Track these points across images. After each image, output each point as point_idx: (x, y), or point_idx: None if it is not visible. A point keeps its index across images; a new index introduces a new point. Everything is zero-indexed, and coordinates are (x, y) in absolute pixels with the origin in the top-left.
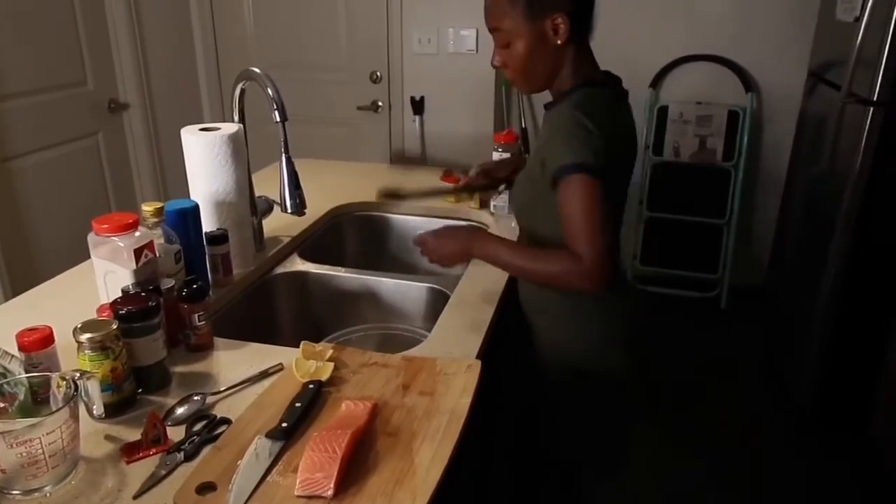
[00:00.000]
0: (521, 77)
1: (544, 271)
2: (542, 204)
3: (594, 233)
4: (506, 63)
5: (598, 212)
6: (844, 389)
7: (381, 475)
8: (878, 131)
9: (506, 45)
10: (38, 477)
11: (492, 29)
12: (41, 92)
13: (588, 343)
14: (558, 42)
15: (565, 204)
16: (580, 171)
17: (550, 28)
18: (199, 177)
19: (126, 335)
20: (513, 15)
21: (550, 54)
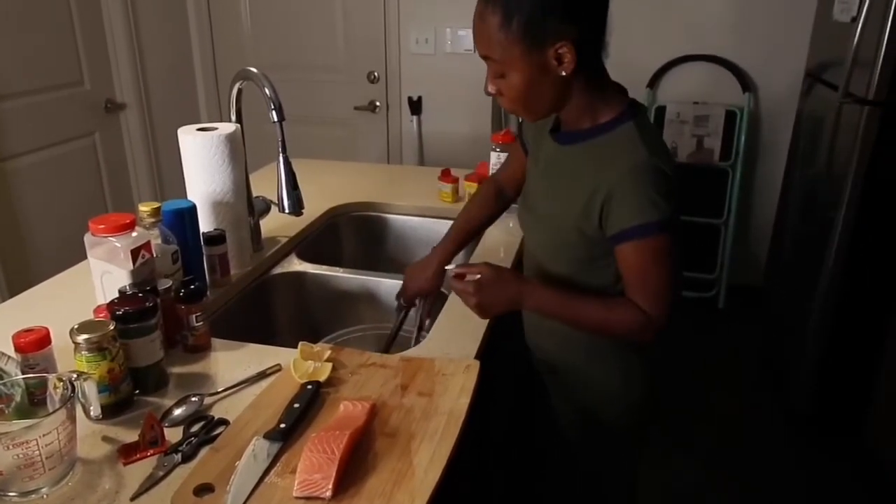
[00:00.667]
0: (520, 108)
1: (606, 325)
2: (569, 249)
3: (665, 292)
4: (500, 91)
5: (671, 270)
6: (841, 390)
7: (379, 476)
8: (874, 131)
9: (500, 74)
10: (35, 478)
11: (482, 56)
12: (37, 92)
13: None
14: (563, 73)
15: (635, 265)
16: (658, 230)
17: (553, 58)
18: (196, 177)
19: (123, 336)
20: (506, 45)
21: (555, 86)
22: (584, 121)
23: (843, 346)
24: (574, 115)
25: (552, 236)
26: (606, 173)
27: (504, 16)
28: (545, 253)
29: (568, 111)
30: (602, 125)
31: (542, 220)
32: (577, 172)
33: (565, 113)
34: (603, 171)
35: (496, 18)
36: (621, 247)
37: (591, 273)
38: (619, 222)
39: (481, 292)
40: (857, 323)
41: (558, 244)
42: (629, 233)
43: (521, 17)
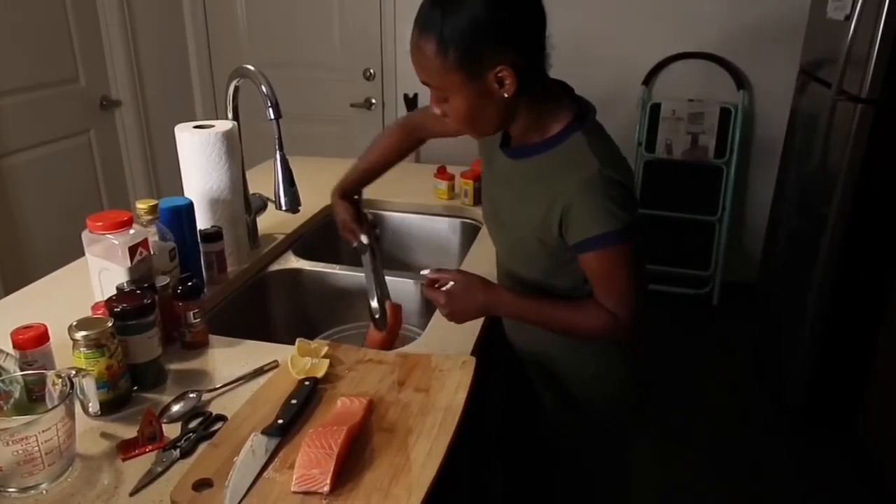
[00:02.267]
0: (466, 129)
1: (575, 328)
2: (533, 257)
3: (631, 294)
4: (446, 114)
5: (634, 274)
6: (834, 385)
7: (376, 471)
8: (868, 128)
9: (443, 99)
10: (35, 474)
11: (423, 83)
12: (32, 89)
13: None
14: (505, 95)
15: (599, 272)
16: (617, 240)
17: (494, 82)
18: (193, 174)
19: (121, 333)
20: (445, 73)
21: (499, 107)
22: (533, 135)
23: (836, 342)
24: (522, 131)
25: (516, 245)
26: (561, 186)
27: (439, 45)
28: (512, 260)
29: (516, 128)
30: (551, 139)
31: (505, 230)
32: (532, 186)
33: (514, 130)
34: (557, 184)
35: (432, 48)
36: (584, 256)
37: (559, 277)
38: (579, 234)
39: (451, 302)
40: (850, 318)
41: (523, 252)
42: (590, 243)
43: (457, 47)
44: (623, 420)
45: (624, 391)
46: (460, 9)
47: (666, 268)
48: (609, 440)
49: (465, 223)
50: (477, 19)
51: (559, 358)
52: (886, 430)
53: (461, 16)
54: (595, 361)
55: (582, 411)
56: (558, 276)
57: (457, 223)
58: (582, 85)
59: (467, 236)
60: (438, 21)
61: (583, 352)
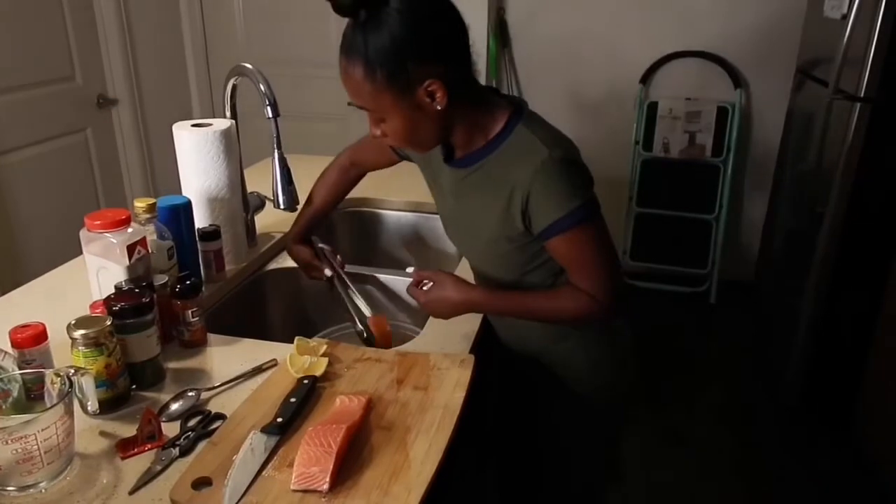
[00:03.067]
0: (407, 145)
1: (555, 313)
2: (504, 257)
3: (605, 273)
4: (385, 133)
5: (604, 250)
6: (830, 384)
7: (376, 469)
8: (864, 127)
9: (380, 120)
10: (33, 473)
11: (358, 107)
12: (28, 87)
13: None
14: (438, 108)
15: (570, 254)
16: (582, 217)
17: (424, 96)
18: (191, 173)
19: (120, 331)
20: (376, 95)
21: (434, 120)
22: (477, 140)
23: (833, 341)
24: (464, 139)
25: (485, 251)
26: (516, 178)
27: (366, 68)
28: (485, 266)
29: (458, 136)
30: (495, 138)
31: (471, 238)
32: (487, 188)
33: (456, 139)
34: (511, 177)
35: (359, 71)
36: (551, 242)
37: (534, 272)
38: (543, 220)
39: (428, 302)
40: (847, 317)
41: (494, 255)
42: (555, 227)
43: (383, 67)
44: (615, 410)
45: (615, 381)
46: (380, 29)
47: (663, 266)
48: (601, 431)
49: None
50: (398, 38)
51: (548, 351)
52: (882, 428)
53: (382, 36)
54: (584, 353)
55: (573, 403)
56: (533, 271)
57: None
58: (580, 83)
59: None
60: (362, 44)
61: (571, 344)
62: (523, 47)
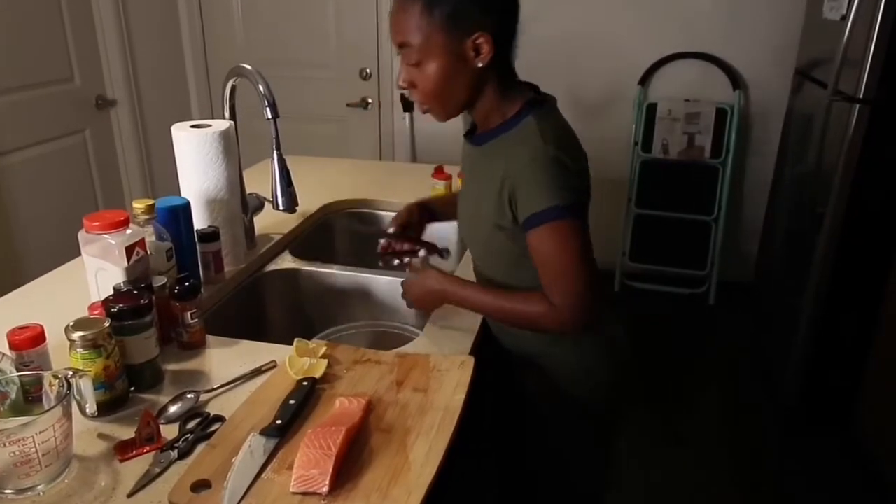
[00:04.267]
0: (433, 101)
1: (516, 316)
2: (495, 247)
3: (571, 279)
4: (414, 83)
5: (576, 256)
6: (830, 384)
7: (375, 472)
8: (863, 129)
9: (416, 63)
10: (31, 476)
11: (399, 45)
12: (27, 88)
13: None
14: (479, 65)
15: (541, 251)
16: (559, 215)
17: (471, 48)
18: (190, 174)
19: (118, 333)
20: (427, 30)
21: (469, 77)
22: (494, 118)
23: (832, 341)
24: (485, 114)
25: (478, 236)
26: (510, 164)
27: (426, 3)
28: (478, 255)
29: (480, 110)
30: (508, 121)
31: (468, 223)
32: (489, 170)
33: (477, 112)
34: (506, 162)
35: (418, 5)
36: (528, 235)
37: (523, 269)
38: (524, 211)
39: (409, 290)
40: (846, 318)
41: (485, 243)
42: (532, 220)
43: (444, 6)
44: (609, 415)
45: (610, 386)
46: None
47: (662, 267)
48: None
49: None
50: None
51: (544, 354)
52: (882, 428)
53: None
54: (579, 357)
55: (567, 407)
56: (521, 268)
57: (453, 224)
58: (579, 85)
59: None
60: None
61: (566, 348)
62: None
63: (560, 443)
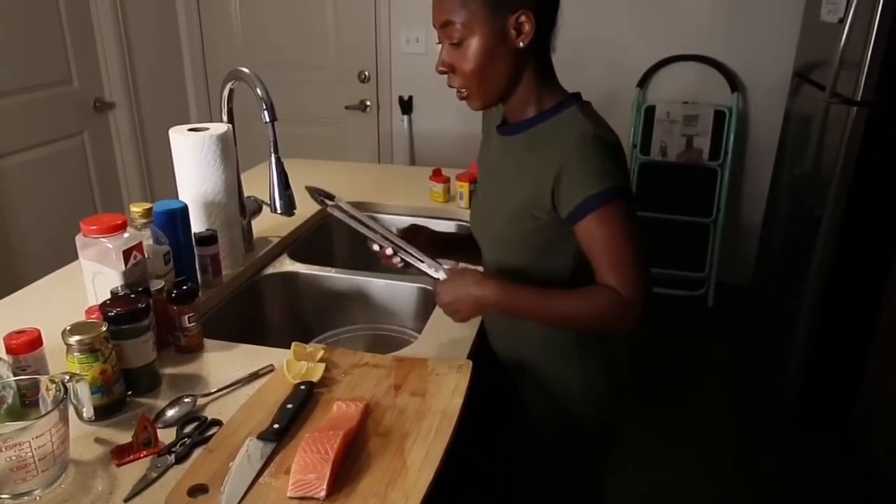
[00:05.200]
0: (473, 83)
1: (581, 315)
2: (520, 238)
3: (636, 267)
4: (454, 66)
5: (639, 241)
6: (828, 386)
7: (373, 476)
8: (861, 131)
9: (457, 42)
10: (28, 480)
11: (441, 24)
12: (25, 91)
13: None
14: (520, 45)
15: (600, 236)
16: (614, 197)
17: (513, 26)
18: (187, 177)
19: (115, 337)
20: (472, 7)
21: (509, 58)
22: (530, 109)
23: (830, 343)
24: (521, 103)
25: (502, 227)
26: (552, 152)
27: None
28: (497, 247)
29: (516, 98)
30: (546, 111)
31: (492, 215)
32: (524, 159)
33: (514, 100)
34: (548, 150)
35: None
36: (581, 224)
37: (544, 262)
38: (574, 196)
39: (442, 293)
40: (845, 319)
41: (509, 234)
42: (586, 204)
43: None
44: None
45: (607, 403)
46: None
47: (661, 270)
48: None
49: (460, 226)
50: None
51: (544, 366)
52: (880, 430)
53: None
54: (581, 372)
55: (561, 419)
56: (544, 261)
57: (452, 226)
58: (577, 87)
59: None
60: None
61: (568, 362)
62: None
63: (547, 455)
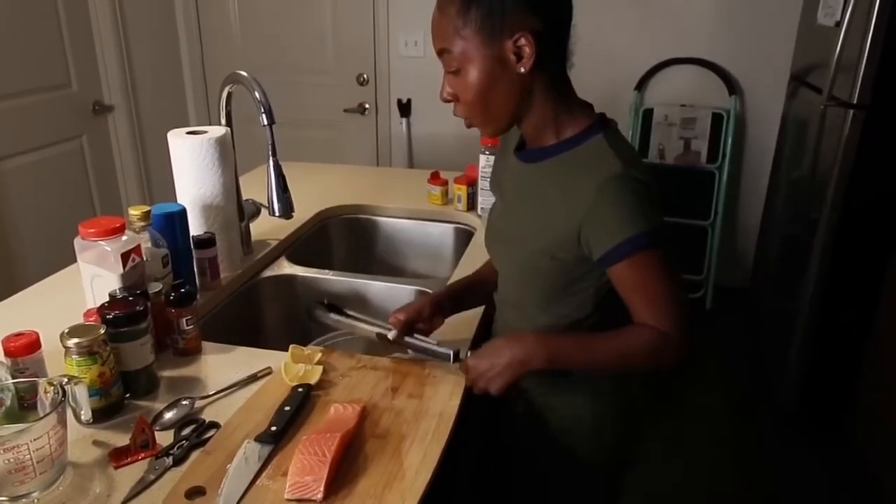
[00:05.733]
0: (476, 113)
1: (627, 355)
2: (541, 276)
3: (676, 305)
4: (457, 95)
5: (675, 279)
6: (826, 388)
7: (370, 478)
8: (858, 134)
9: (455, 70)
10: (26, 483)
11: (438, 52)
12: (24, 94)
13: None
14: (521, 70)
15: (636, 280)
16: (649, 239)
17: (512, 51)
18: (186, 180)
19: (113, 340)
20: (465, 34)
21: (512, 85)
22: (548, 136)
23: (828, 346)
24: (536, 130)
25: (523, 264)
26: (580, 191)
27: (463, 3)
28: (516, 283)
29: (529, 124)
30: (568, 140)
31: (511, 247)
32: (546, 192)
33: (527, 126)
34: (575, 188)
35: (455, 6)
36: (615, 268)
37: (566, 302)
38: (607, 241)
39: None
40: (841, 322)
41: (530, 271)
42: (620, 249)
43: (481, 4)
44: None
45: (617, 442)
46: None
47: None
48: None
49: (458, 228)
50: None
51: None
52: (878, 432)
53: None
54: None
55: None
56: (565, 301)
57: (450, 229)
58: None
59: (460, 242)
60: None
61: (579, 399)
62: None
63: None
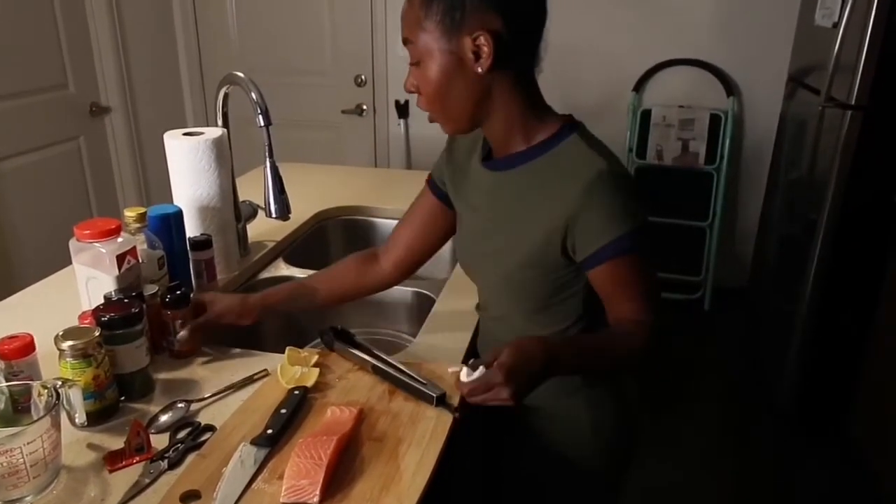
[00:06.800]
0: (436, 108)
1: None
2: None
3: (654, 294)
4: (419, 89)
5: (655, 276)
6: (824, 389)
7: (366, 481)
8: (856, 135)
9: (416, 62)
10: (19, 486)
11: (403, 41)
12: (21, 95)
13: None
14: (478, 70)
15: (622, 278)
16: (636, 242)
17: (470, 49)
18: (182, 182)
19: (108, 342)
20: (426, 25)
21: (470, 84)
22: (516, 142)
23: (826, 346)
24: (502, 135)
25: (510, 276)
26: (563, 193)
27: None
28: (504, 296)
29: (493, 128)
30: (540, 144)
31: (495, 261)
32: (522, 200)
33: (491, 131)
34: (557, 191)
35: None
36: (600, 269)
37: (555, 309)
38: (593, 241)
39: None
40: (839, 323)
41: (518, 282)
42: (607, 250)
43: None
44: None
45: (618, 440)
46: None
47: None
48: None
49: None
50: None
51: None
52: (877, 431)
53: None
54: (589, 413)
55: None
56: (550, 309)
57: None
58: (573, 91)
59: None
60: None
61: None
62: None
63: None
